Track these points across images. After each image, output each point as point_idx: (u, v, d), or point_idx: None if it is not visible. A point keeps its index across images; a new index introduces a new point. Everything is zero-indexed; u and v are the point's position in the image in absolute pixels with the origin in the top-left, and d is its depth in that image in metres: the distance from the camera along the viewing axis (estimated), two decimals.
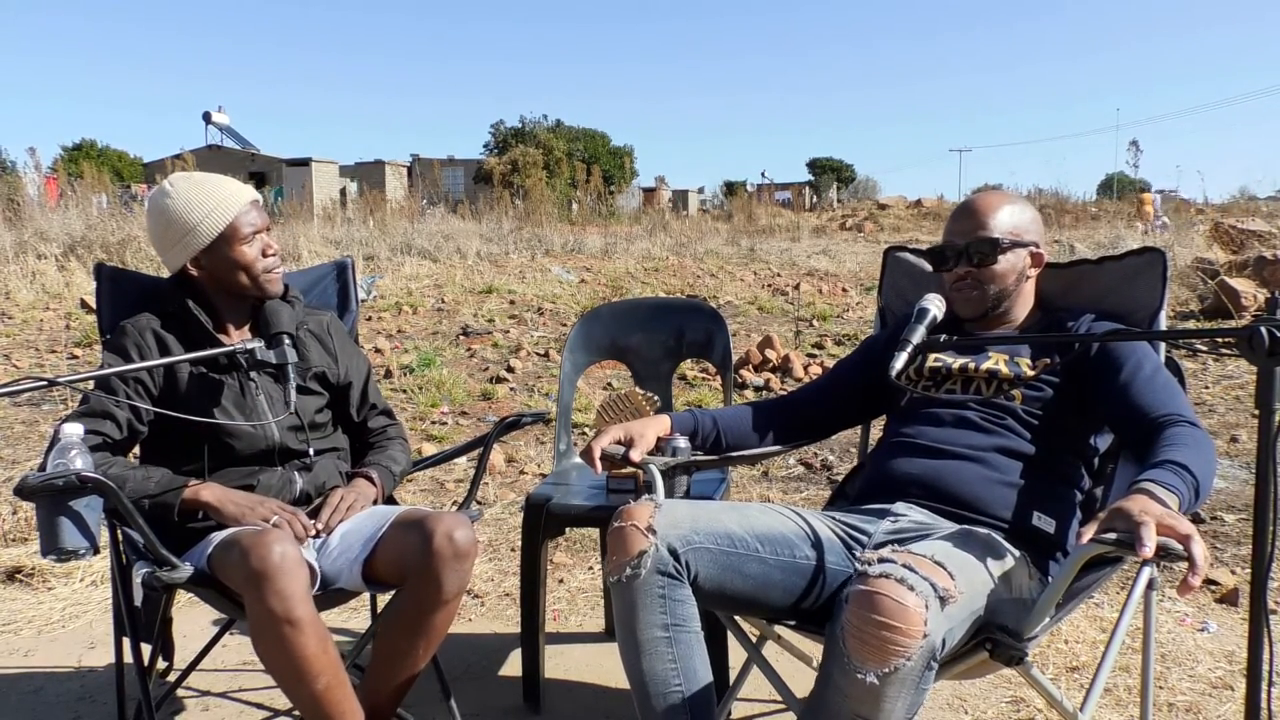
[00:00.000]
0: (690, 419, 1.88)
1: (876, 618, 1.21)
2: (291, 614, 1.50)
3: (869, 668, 1.21)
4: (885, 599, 1.22)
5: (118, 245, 10.33)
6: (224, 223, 1.82)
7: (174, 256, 1.86)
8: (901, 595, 1.22)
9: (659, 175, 57.23)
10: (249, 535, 1.57)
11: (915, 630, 1.21)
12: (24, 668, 2.43)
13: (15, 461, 4.21)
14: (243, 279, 1.86)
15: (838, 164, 55.43)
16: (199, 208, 1.82)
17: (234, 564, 1.55)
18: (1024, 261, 1.81)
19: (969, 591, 1.34)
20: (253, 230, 1.85)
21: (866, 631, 1.22)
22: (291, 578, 1.51)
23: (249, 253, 1.85)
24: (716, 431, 1.87)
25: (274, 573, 1.50)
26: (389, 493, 1.98)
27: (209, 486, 1.76)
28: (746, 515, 1.59)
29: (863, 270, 12.80)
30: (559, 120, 42.62)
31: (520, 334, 7.43)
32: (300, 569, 1.54)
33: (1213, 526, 3.32)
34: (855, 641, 1.23)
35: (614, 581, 1.48)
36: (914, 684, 1.23)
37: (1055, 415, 1.69)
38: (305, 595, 1.54)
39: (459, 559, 1.67)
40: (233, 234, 1.83)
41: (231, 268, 1.85)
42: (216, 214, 1.82)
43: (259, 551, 1.51)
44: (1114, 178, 51.53)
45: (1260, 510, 1.20)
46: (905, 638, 1.20)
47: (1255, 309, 7.66)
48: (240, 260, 1.84)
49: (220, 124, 42.24)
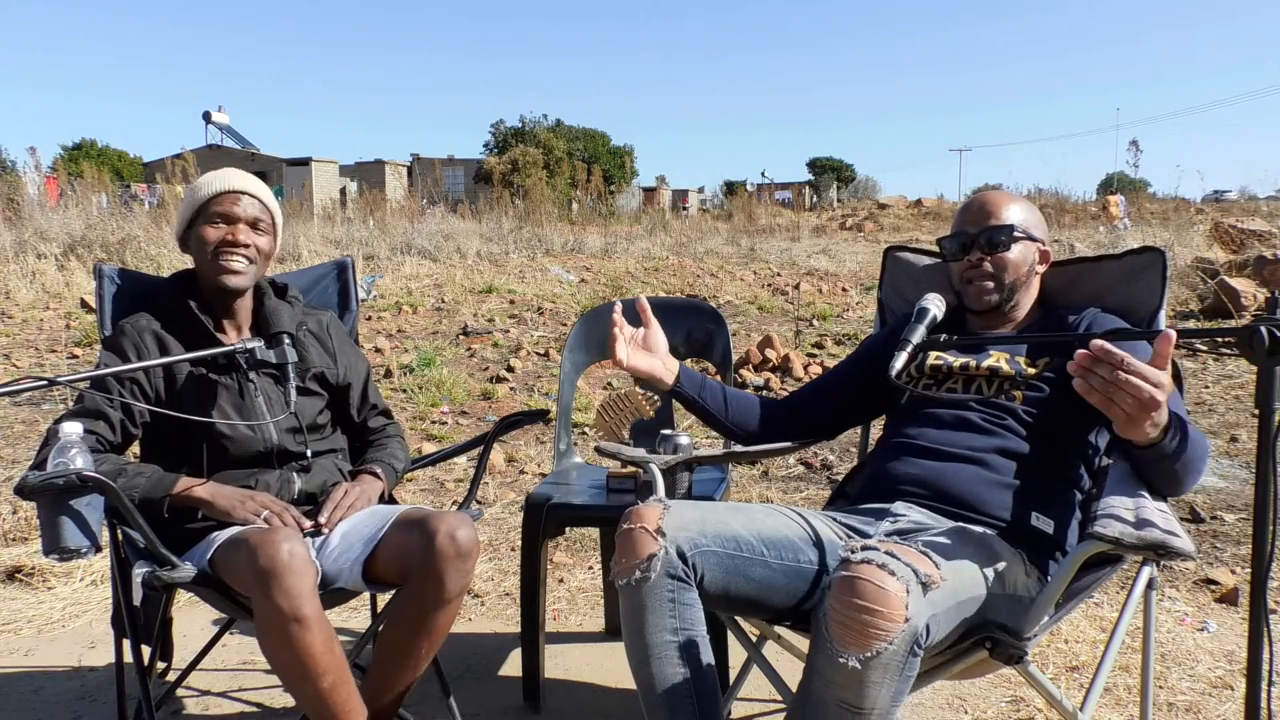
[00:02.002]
0: (700, 378, 1.91)
1: (857, 601, 1.22)
2: (299, 611, 1.51)
3: (851, 652, 1.22)
4: (866, 583, 1.23)
5: (118, 245, 10.32)
6: (204, 198, 1.87)
7: (176, 229, 1.95)
8: (882, 580, 1.23)
9: (659, 175, 57.27)
10: (256, 534, 1.57)
11: (896, 614, 1.21)
12: (24, 667, 2.43)
13: (15, 461, 4.21)
14: (201, 259, 1.88)
15: (838, 164, 55.46)
16: (201, 185, 1.89)
17: (241, 562, 1.55)
18: (1033, 255, 1.82)
19: (954, 580, 1.35)
20: (220, 214, 1.86)
21: (848, 616, 1.22)
22: (299, 576, 1.51)
23: (210, 234, 1.86)
24: (724, 396, 1.90)
25: (282, 570, 1.50)
26: (391, 490, 1.98)
27: (202, 483, 1.77)
28: (752, 518, 1.59)
29: (863, 270, 12.79)
30: (559, 120, 42.68)
31: (520, 334, 7.43)
32: (308, 567, 1.55)
33: (1213, 526, 3.32)
34: (837, 626, 1.24)
35: (623, 584, 1.47)
36: (897, 669, 1.24)
37: (1055, 414, 1.69)
38: (313, 593, 1.54)
39: (461, 558, 1.67)
40: (204, 210, 1.87)
41: (198, 246, 1.88)
42: (202, 190, 1.88)
43: (267, 550, 1.51)
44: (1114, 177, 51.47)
45: (1260, 510, 1.20)
46: (886, 621, 1.21)
47: (1255, 309, 7.65)
48: (203, 238, 1.86)
49: (220, 123, 42.30)
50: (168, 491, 1.73)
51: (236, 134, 43.39)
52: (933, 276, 2.08)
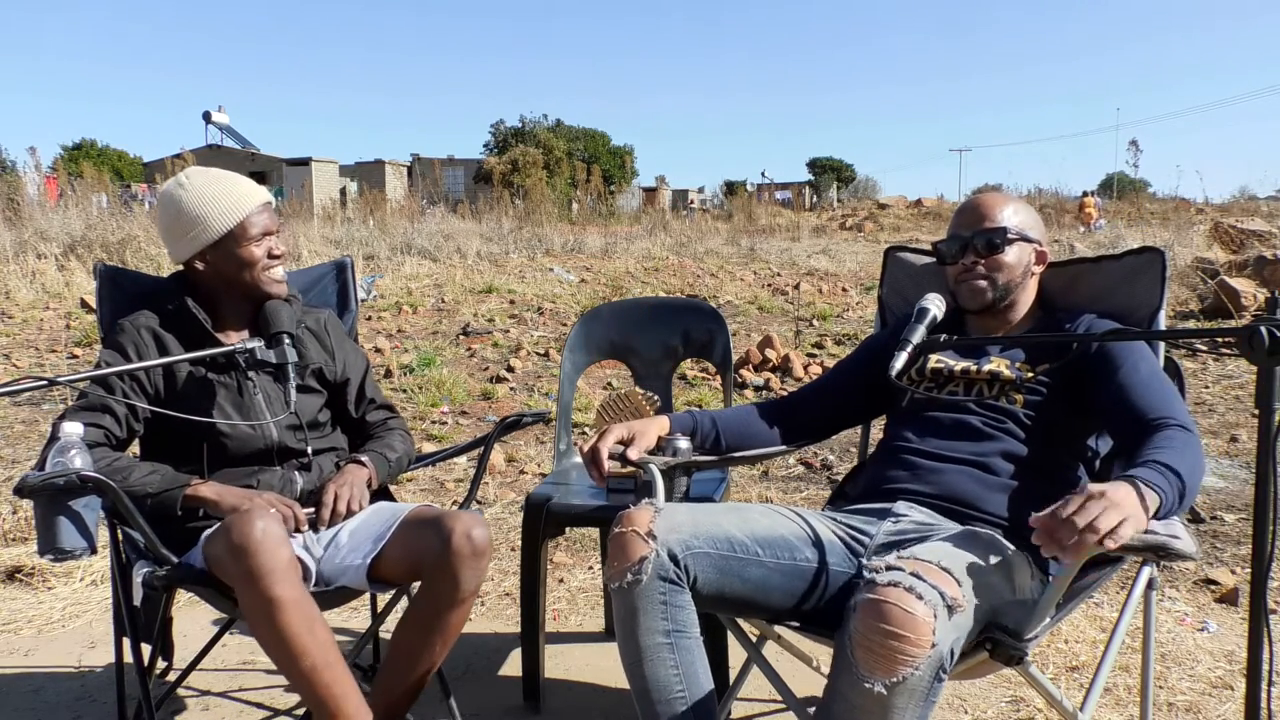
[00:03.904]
0: (690, 419, 1.88)
1: (885, 627, 1.21)
2: (271, 590, 1.50)
3: (877, 678, 1.21)
4: (893, 608, 1.22)
5: (118, 245, 10.32)
6: (235, 220, 1.83)
7: (180, 249, 1.86)
8: (910, 604, 1.22)
9: (659, 175, 57.30)
10: (234, 516, 1.57)
11: (924, 640, 1.20)
12: (24, 668, 2.43)
13: (15, 461, 4.21)
14: (246, 278, 1.86)
15: (838, 164, 55.45)
16: (212, 203, 1.83)
17: (219, 544, 1.55)
18: (1030, 257, 1.82)
19: (975, 598, 1.34)
20: (261, 231, 1.86)
21: (874, 641, 1.21)
22: (271, 555, 1.51)
23: (256, 253, 1.85)
24: (716, 432, 1.87)
25: (254, 548, 1.49)
26: (383, 478, 1.96)
27: (208, 483, 1.77)
28: (746, 518, 1.59)
29: (863, 270, 12.80)
30: (559, 120, 42.69)
31: (520, 334, 7.43)
32: (282, 547, 1.53)
33: (1213, 526, 3.32)
34: (863, 651, 1.22)
35: (615, 587, 1.47)
36: (923, 695, 1.23)
37: (1055, 417, 1.69)
38: (288, 573, 1.53)
39: (476, 557, 1.67)
40: (242, 233, 1.83)
41: (237, 267, 1.85)
42: (229, 211, 1.83)
43: (240, 527, 1.51)
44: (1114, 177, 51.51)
45: (1260, 510, 1.20)
46: (914, 647, 1.20)
47: (1255, 309, 7.65)
48: (246, 259, 1.84)
49: (220, 123, 42.30)
50: (182, 489, 1.73)
51: (236, 134, 43.41)
52: (933, 277, 2.08)
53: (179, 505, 1.73)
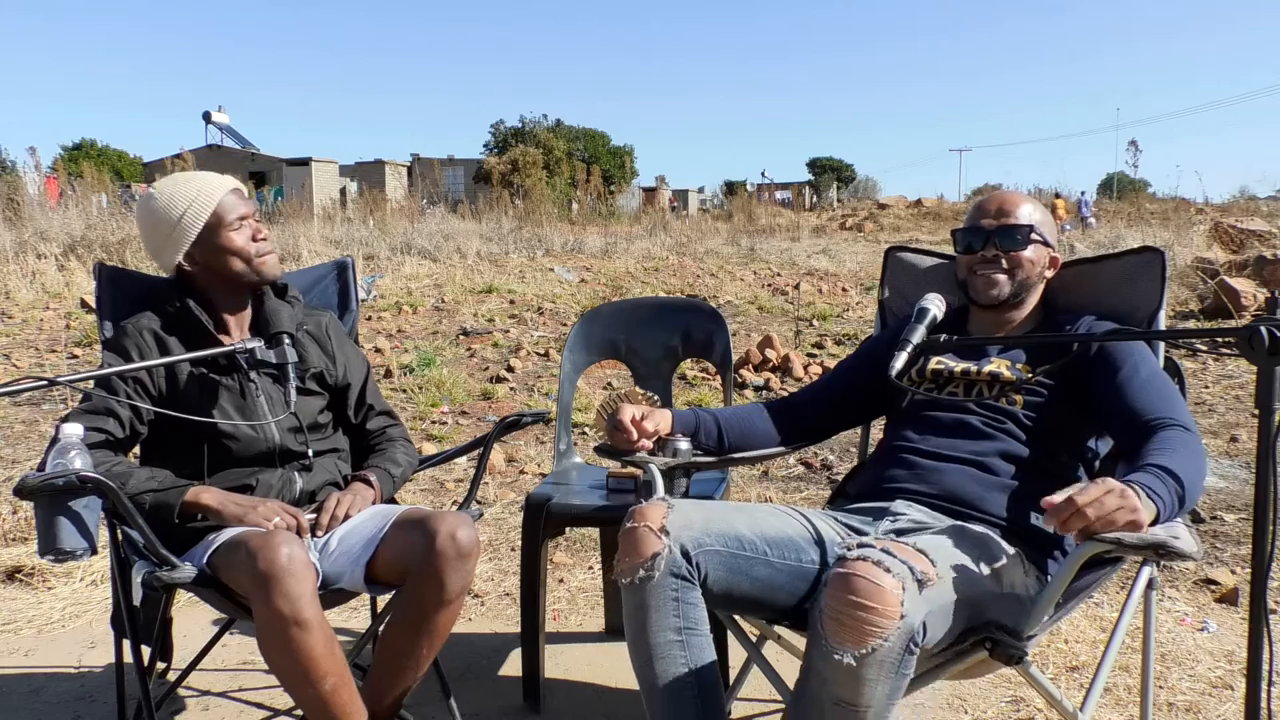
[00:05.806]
0: (692, 416, 1.89)
1: (852, 598, 1.22)
2: (299, 615, 1.51)
3: (846, 648, 1.22)
4: (861, 580, 1.23)
5: (118, 245, 10.32)
6: (208, 211, 1.83)
7: (168, 256, 1.86)
8: (877, 576, 1.23)
9: (659, 175, 57.29)
10: (256, 537, 1.57)
11: (891, 610, 1.21)
12: (24, 668, 2.43)
13: (15, 461, 4.21)
14: (237, 265, 1.86)
15: (838, 164, 55.50)
16: (182, 202, 1.83)
17: (240, 566, 1.55)
18: (1045, 259, 1.82)
19: (951, 578, 1.34)
20: (238, 216, 1.86)
21: (843, 612, 1.23)
22: (299, 579, 1.51)
23: (238, 239, 1.85)
24: (718, 430, 1.87)
25: (281, 574, 1.50)
26: (389, 495, 1.97)
27: (209, 489, 1.76)
28: (755, 517, 1.59)
29: (863, 270, 12.80)
30: (559, 120, 42.69)
31: (520, 334, 7.43)
32: (308, 571, 1.55)
33: (1213, 526, 3.32)
34: (832, 623, 1.24)
35: (626, 583, 1.46)
36: (893, 667, 1.23)
37: (1055, 418, 1.69)
38: (313, 597, 1.54)
39: (462, 558, 1.67)
40: (218, 222, 1.84)
41: (225, 258, 1.85)
42: (201, 204, 1.84)
43: (266, 554, 1.51)
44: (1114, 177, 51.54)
45: (1260, 510, 1.20)
46: (881, 618, 1.21)
47: (1255, 309, 7.66)
48: (230, 246, 1.85)
49: (220, 124, 42.29)
50: (180, 499, 1.73)
51: (236, 134, 43.39)
52: (934, 277, 2.08)
53: (176, 513, 1.73)
